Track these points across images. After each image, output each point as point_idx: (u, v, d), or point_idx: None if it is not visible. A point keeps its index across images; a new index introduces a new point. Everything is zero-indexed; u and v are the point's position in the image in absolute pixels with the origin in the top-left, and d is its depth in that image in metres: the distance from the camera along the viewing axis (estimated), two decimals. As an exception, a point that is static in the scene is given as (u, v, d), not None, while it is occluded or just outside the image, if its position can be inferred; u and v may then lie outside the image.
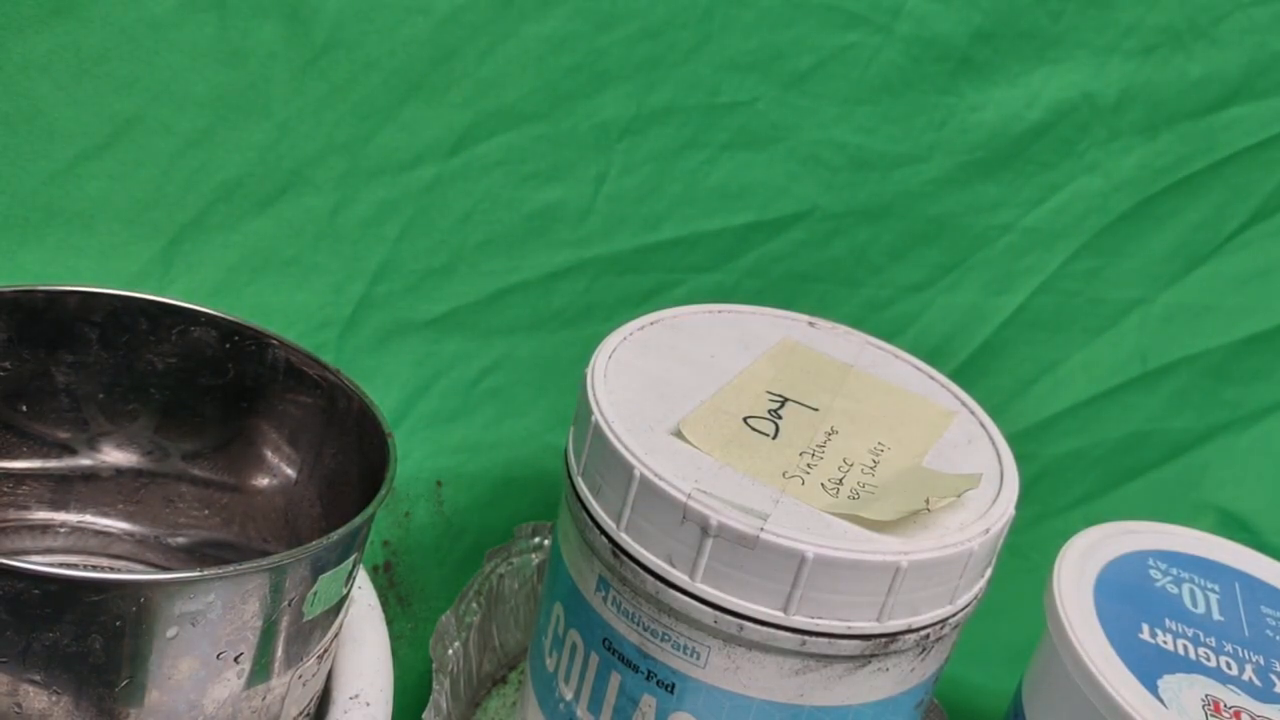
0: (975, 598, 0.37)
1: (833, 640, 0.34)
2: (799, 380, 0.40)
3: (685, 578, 0.34)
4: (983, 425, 0.41)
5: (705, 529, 0.33)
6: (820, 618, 0.33)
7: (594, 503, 0.36)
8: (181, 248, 0.45)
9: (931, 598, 0.35)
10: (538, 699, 0.40)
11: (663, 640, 0.35)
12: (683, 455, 0.35)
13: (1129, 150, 0.62)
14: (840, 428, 0.38)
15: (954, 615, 0.36)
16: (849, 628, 0.33)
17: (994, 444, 0.40)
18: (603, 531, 0.35)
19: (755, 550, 0.32)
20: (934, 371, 0.44)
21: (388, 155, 0.47)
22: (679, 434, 0.36)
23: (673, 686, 0.35)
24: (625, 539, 0.35)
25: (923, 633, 0.35)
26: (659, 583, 0.34)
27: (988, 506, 0.36)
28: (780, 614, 0.33)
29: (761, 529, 0.32)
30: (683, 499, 0.33)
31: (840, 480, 0.35)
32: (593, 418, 0.36)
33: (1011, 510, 0.37)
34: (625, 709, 0.37)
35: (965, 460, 0.38)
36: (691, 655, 0.34)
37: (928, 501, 0.34)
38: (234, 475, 0.40)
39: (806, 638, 0.33)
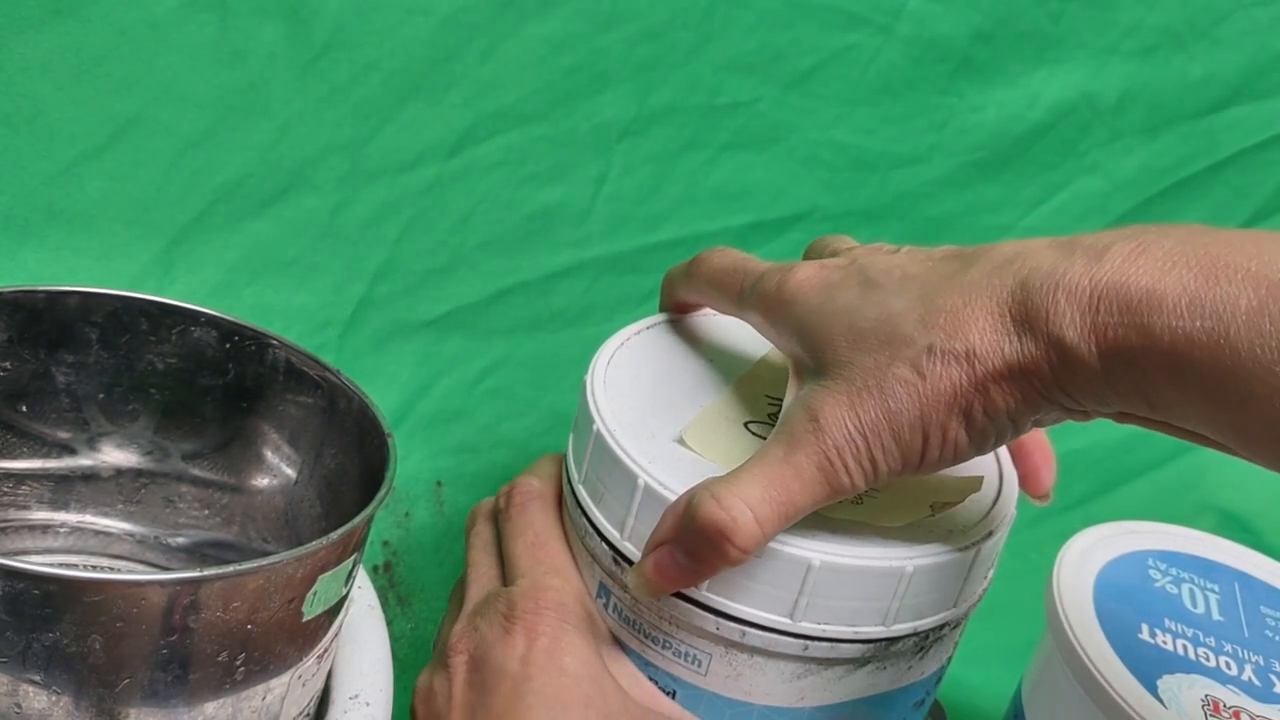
0: (977, 598, 0.37)
1: (836, 645, 0.33)
2: None
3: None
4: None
5: None
6: (827, 624, 0.33)
7: (596, 511, 0.36)
8: (182, 248, 0.45)
9: (936, 601, 0.35)
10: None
11: (663, 647, 0.35)
12: (686, 462, 0.35)
13: (1129, 151, 0.62)
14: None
15: (956, 617, 0.36)
16: (855, 633, 0.33)
17: None
18: (605, 539, 0.35)
19: (761, 558, 0.32)
20: None
21: (388, 156, 0.47)
22: (681, 441, 0.36)
23: (674, 694, 0.35)
24: (629, 547, 0.34)
25: (923, 634, 0.35)
26: None
27: (989, 508, 0.36)
28: (787, 620, 0.33)
29: None
30: None
31: None
32: (594, 426, 0.36)
33: (1013, 512, 0.37)
34: (626, 714, 0.36)
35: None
36: (693, 662, 0.34)
37: (932, 506, 0.34)
38: (234, 475, 0.40)
39: (810, 643, 0.33)
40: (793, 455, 0.31)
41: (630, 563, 0.34)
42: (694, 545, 0.31)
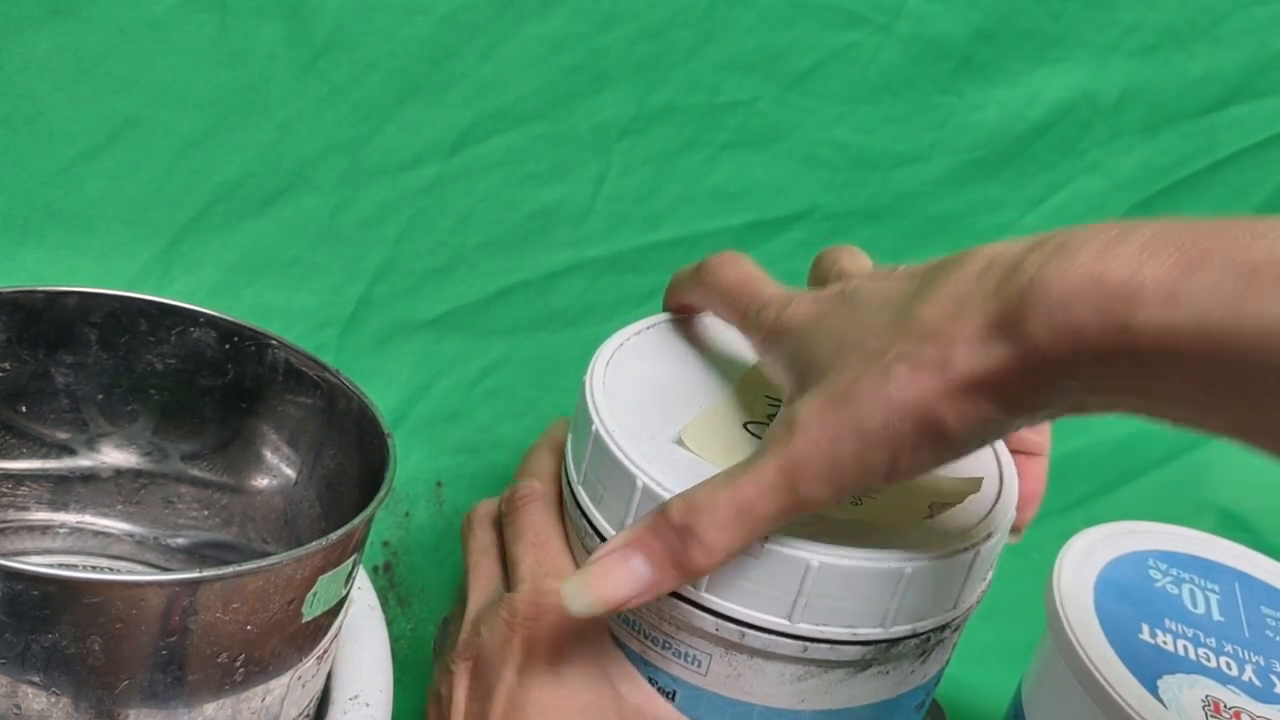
0: (977, 600, 0.37)
1: (835, 646, 0.33)
2: None
3: (690, 586, 0.33)
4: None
5: None
6: (825, 625, 0.33)
7: (596, 512, 0.36)
8: (181, 248, 0.45)
9: (935, 602, 0.34)
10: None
11: (663, 648, 0.35)
12: (685, 463, 0.35)
13: (1130, 150, 0.62)
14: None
15: (956, 619, 0.36)
16: (854, 634, 0.33)
17: (992, 445, 0.40)
18: (604, 540, 0.35)
19: (760, 559, 0.32)
20: None
21: (388, 155, 0.47)
22: (680, 442, 0.36)
23: (674, 694, 0.35)
24: None
25: (923, 636, 0.35)
26: None
27: (988, 509, 0.36)
28: (785, 622, 0.33)
29: (767, 538, 0.32)
30: None
31: None
32: (593, 427, 0.36)
33: (1012, 513, 0.37)
34: (626, 714, 0.36)
35: (964, 463, 0.38)
36: (693, 663, 0.34)
37: (931, 507, 0.34)
38: (233, 476, 0.40)
39: (809, 644, 0.33)
40: (758, 461, 0.30)
41: None
42: (661, 545, 0.31)
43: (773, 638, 0.33)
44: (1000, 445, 0.40)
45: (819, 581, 0.32)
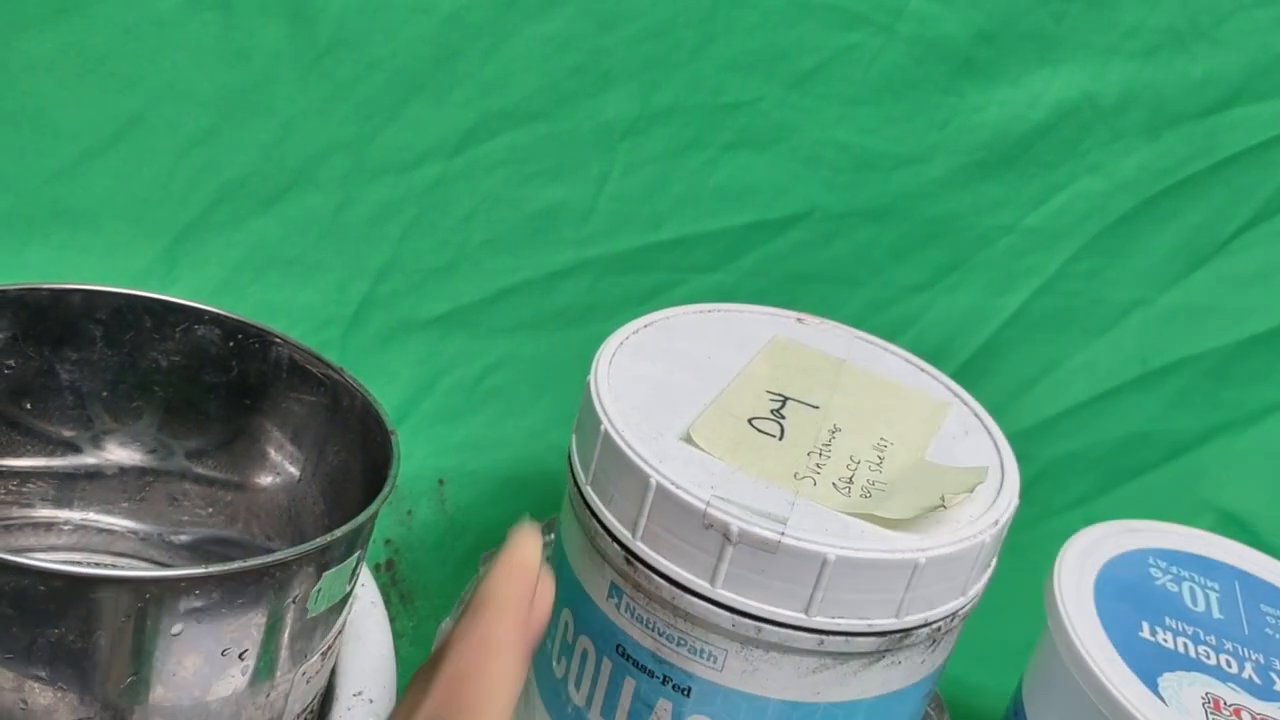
0: (982, 588, 0.37)
1: (850, 638, 0.34)
2: (796, 378, 0.41)
3: (706, 584, 0.34)
4: (977, 416, 0.41)
5: (727, 536, 0.33)
6: (841, 617, 0.33)
7: (606, 512, 0.36)
8: (185, 246, 0.45)
9: (945, 591, 0.35)
10: (545, 705, 0.40)
11: (678, 645, 0.35)
12: (695, 461, 0.35)
13: (1130, 151, 0.62)
14: (842, 425, 0.38)
15: (964, 607, 0.36)
16: (869, 625, 0.34)
17: (990, 434, 0.40)
18: (616, 540, 0.35)
19: (776, 555, 0.32)
20: (923, 363, 0.44)
21: (391, 154, 0.47)
22: (689, 439, 0.36)
23: (689, 690, 0.35)
24: (642, 547, 0.34)
25: (935, 625, 0.35)
26: (677, 589, 0.34)
27: (993, 498, 0.36)
28: (802, 615, 0.33)
29: (783, 534, 0.32)
30: (702, 506, 0.33)
31: (850, 479, 0.36)
32: (601, 427, 0.36)
33: (1016, 500, 0.37)
34: (640, 713, 0.36)
35: (965, 452, 0.39)
36: (708, 659, 0.34)
37: (943, 498, 0.35)
38: (237, 473, 0.40)
39: (825, 637, 0.33)
40: None
41: (643, 562, 0.34)
42: None
43: (789, 632, 0.33)
44: (996, 430, 0.40)
45: (836, 574, 0.32)
